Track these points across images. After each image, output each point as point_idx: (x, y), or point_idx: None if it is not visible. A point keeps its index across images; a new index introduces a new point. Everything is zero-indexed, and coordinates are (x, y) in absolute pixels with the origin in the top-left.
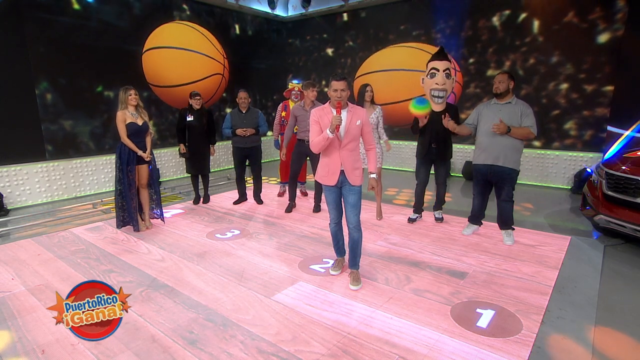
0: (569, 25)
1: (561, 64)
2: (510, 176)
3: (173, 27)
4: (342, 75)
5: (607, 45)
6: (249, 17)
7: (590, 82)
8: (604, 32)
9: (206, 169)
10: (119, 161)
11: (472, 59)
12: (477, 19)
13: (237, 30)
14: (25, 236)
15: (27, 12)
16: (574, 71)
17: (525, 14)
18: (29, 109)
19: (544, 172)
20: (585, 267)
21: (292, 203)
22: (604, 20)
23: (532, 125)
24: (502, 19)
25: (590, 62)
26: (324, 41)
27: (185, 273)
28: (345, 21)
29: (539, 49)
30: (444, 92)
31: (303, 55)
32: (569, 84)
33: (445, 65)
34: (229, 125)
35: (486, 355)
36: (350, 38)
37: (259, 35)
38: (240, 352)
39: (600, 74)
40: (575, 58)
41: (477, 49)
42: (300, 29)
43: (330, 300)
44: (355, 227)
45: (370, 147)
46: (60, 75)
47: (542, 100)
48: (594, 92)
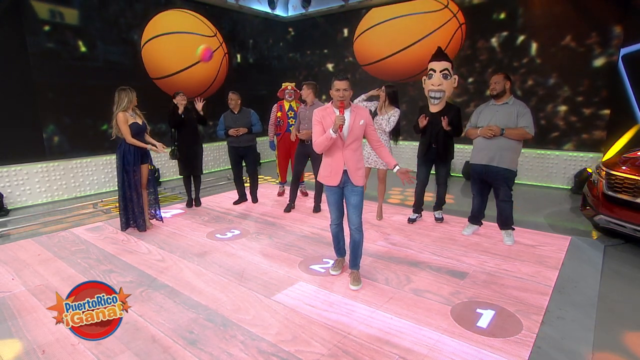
0: (566, 49)
1: (559, 87)
2: (505, 177)
3: (165, 16)
4: (344, 75)
5: (603, 70)
6: (250, 42)
7: (587, 106)
8: (600, 56)
9: (198, 169)
10: (121, 164)
11: (471, 79)
12: (476, 40)
13: (238, 59)
14: (25, 236)
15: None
16: (572, 94)
17: (524, 37)
18: (29, 108)
19: (544, 172)
20: (585, 267)
21: (292, 204)
22: (599, 45)
23: (527, 126)
24: (500, 40)
25: (587, 85)
26: (324, 56)
27: (185, 273)
28: (345, 37)
29: (537, 71)
30: (440, 92)
31: (304, 70)
32: (567, 107)
33: (442, 65)
34: (223, 127)
35: (486, 355)
36: (350, 54)
37: (260, 62)
38: (240, 352)
39: (597, 97)
40: (573, 81)
41: (476, 68)
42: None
43: (330, 300)
44: (357, 229)
45: (378, 144)
46: (67, 114)
47: (540, 121)
48: (592, 115)
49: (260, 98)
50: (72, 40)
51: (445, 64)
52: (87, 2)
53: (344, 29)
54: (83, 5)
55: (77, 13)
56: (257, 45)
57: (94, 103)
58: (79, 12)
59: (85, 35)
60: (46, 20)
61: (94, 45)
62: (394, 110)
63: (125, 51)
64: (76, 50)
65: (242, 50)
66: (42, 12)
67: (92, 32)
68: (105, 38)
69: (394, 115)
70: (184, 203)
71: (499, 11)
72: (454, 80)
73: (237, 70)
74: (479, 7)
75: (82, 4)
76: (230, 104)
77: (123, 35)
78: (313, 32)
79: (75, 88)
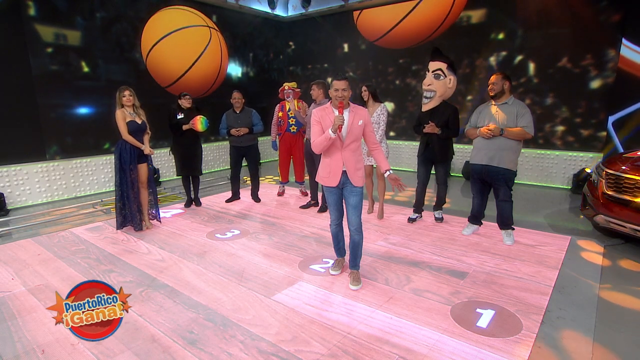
0: (563, 70)
1: (556, 107)
2: (505, 177)
3: (155, 20)
4: (343, 75)
5: (599, 92)
6: (250, 55)
7: (585, 127)
8: (596, 78)
9: (197, 170)
10: (118, 162)
11: (470, 97)
12: (475, 58)
13: (239, 74)
14: (25, 236)
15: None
16: (570, 115)
17: (521, 57)
18: (29, 108)
19: (544, 172)
20: (585, 267)
21: (323, 204)
22: (595, 67)
23: (526, 126)
24: (498, 59)
25: (585, 106)
26: (324, 70)
27: (185, 273)
28: (345, 52)
29: (534, 90)
30: (430, 92)
31: (304, 83)
32: (565, 127)
33: (435, 65)
34: (225, 126)
35: (486, 355)
36: (351, 69)
37: (261, 75)
38: (240, 352)
39: (594, 119)
40: (570, 102)
41: (475, 86)
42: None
43: (330, 300)
44: (357, 230)
45: (375, 147)
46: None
47: (538, 140)
48: (589, 137)
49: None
50: (75, 61)
51: (439, 64)
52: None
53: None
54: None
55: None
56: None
57: (96, 122)
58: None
59: (88, 55)
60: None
61: (96, 65)
62: (380, 106)
63: (128, 70)
64: (79, 70)
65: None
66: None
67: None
68: (108, 58)
69: (383, 113)
70: (184, 203)
71: (497, 31)
72: (449, 80)
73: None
74: (477, 27)
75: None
76: (233, 102)
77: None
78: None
79: (77, 108)
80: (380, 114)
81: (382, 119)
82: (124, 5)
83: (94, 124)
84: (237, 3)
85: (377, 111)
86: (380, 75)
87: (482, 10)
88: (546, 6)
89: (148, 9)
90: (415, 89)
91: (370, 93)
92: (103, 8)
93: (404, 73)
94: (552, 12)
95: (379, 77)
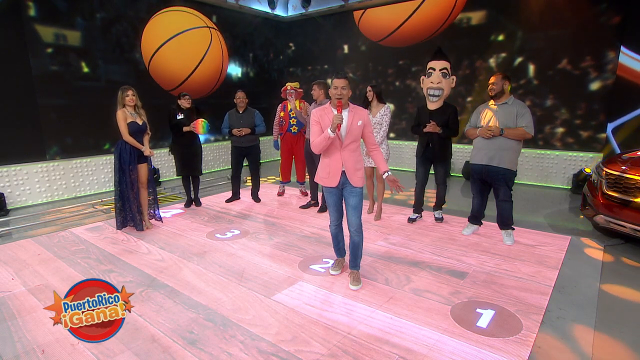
0: (563, 72)
1: (556, 108)
2: (505, 176)
3: (154, 24)
4: (344, 73)
5: (598, 93)
6: (250, 56)
7: (585, 129)
8: (596, 80)
9: (197, 170)
10: (118, 162)
11: (470, 98)
12: (475, 60)
13: (239, 74)
14: (25, 236)
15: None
16: (569, 116)
17: (521, 58)
18: (29, 109)
19: (543, 172)
20: (585, 267)
21: (323, 204)
22: (595, 69)
23: (526, 126)
24: (498, 61)
25: (584, 108)
26: (324, 72)
27: (185, 273)
28: (345, 53)
29: (534, 92)
30: (439, 90)
31: (304, 84)
32: (565, 129)
33: (442, 64)
34: (227, 125)
35: (486, 355)
36: (351, 70)
37: (261, 75)
38: (240, 352)
39: (594, 121)
40: (570, 104)
41: (475, 88)
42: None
43: (330, 300)
44: (357, 230)
45: (374, 148)
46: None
47: (538, 142)
48: (589, 138)
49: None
50: (75, 61)
51: (444, 63)
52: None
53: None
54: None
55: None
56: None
57: (96, 123)
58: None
59: (88, 56)
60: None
61: (96, 65)
62: (384, 107)
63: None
64: (79, 70)
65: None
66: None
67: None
68: (108, 58)
69: (387, 114)
70: (184, 203)
71: (497, 33)
72: (452, 80)
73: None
74: (477, 28)
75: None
76: (237, 102)
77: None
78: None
79: (77, 109)
80: (383, 115)
81: (385, 120)
82: (124, 5)
83: (94, 124)
84: (237, 3)
85: (381, 112)
86: (380, 77)
87: (482, 11)
88: (546, 8)
89: (148, 9)
90: (415, 90)
91: (375, 94)
92: (103, 8)
93: (404, 74)
94: (552, 14)
95: (379, 79)
